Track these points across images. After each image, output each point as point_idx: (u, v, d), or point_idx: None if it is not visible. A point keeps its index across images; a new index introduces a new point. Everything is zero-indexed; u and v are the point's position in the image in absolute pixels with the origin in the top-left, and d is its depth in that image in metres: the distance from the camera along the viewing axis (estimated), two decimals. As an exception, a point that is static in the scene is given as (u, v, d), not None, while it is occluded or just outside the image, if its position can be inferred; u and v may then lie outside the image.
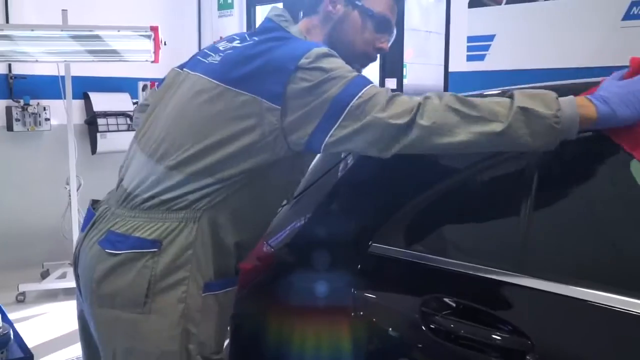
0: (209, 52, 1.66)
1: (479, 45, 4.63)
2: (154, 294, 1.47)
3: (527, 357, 1.20)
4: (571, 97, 1.31)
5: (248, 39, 1.60)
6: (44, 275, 4.91)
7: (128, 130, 5.55)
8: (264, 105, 1.43)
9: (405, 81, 5.44)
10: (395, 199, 1.56)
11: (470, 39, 4.67)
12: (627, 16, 3.94)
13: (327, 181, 1.76)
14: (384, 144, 1.37)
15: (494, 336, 1.26)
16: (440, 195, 1.47)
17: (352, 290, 1.51)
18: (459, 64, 4.74)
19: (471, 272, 1.35)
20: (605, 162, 1.38)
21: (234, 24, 6.27)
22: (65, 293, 4.59)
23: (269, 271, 1.72)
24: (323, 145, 1.42)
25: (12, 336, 1.43)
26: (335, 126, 1.39)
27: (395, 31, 1.71)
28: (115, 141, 5.43)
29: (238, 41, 1.62)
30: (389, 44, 1.69)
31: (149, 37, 4.63)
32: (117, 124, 5.59)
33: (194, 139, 1.49)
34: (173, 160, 1.50)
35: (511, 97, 1.31)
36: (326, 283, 1.59)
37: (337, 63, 1.45)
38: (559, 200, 1.37)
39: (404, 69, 5.48)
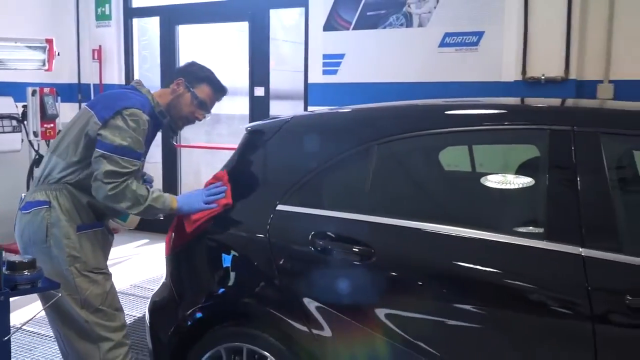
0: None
1: (332, 62, 5.68)
2: (50, 234, 2.46)
3: (373, 258, 2.17)
4: (170, 197, 2.50)
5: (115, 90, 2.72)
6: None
7: (13, 132, 5.91)
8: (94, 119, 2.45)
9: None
10: (290, 175, 2.46)
11: (325, 56, 5.70)
12: (442, 44, 5.17)
13: (238, 169, 2.64)
14: (95, 181, 2.42)
15: (354, 249, 2.21)
16: (321, 171, 2.40)
17: (267, 234, 2.39)
18: (317, 76, 5.75)
19: (343, 216, 2.29)
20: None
21: (112, 34, 6.77)
22: None
23: (207, 222, 2.54)
24: (96, 151, 2.41)
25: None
26: (101, 152, 2.39)
27: (210, 112, 2.77)
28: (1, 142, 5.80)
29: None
30: (204, 119, 2.74)
31: (43, 48, 5.13)
32: (3, 126, 5.91)
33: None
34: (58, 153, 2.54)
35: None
36: (246, 233, 2.47)
37: (139, 125, 2.42)
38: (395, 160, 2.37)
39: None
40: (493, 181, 2.40)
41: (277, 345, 2.33)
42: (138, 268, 5.47)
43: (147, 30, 7.26)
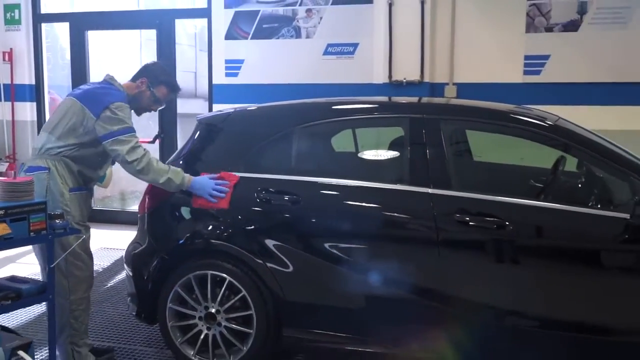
0: (77, 88, 3.47)
1: (233, 66, 6.69)
2: (49, 191, 3.18)
3: (300, 203, 3.27)
4: (188, 177, 3.34)
5: (96, 85, 3.46)
6: None
7: None
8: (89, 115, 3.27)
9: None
10: (237, 150, 3.50)
11: (227, 61, 6.70)
12: (325, 52, 6.36)
13: (195, 149, 3.63)
14: (123, 163, 3.27)
15: (285, 197, 3.30)
16: (259, 147, 3.46)
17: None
18: (220, 78, 6.73)
19: (277, 177, 3.37)
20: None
21: (22, 37, 7.30)
22: None
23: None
24: (104, 143, 3.24)
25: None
26: (110, 140, 3.23)
27: (164, 105, 3.65)
28: None
29: (88, 86, 3.48)
30: (159, 109, 3.64)
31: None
32: None
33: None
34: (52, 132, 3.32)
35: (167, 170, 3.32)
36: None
37: (125, 113, 3.29)
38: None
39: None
40: (374, 152, 3.61)
41: (233, 269, 3.36)
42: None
43: (50, 33, 7.84)
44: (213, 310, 3.41)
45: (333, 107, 3.69)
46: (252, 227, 3.38)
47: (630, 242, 2.90)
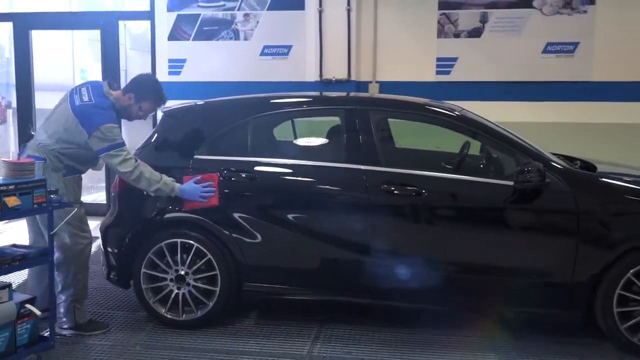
0: (77, 92, 3.92)
1: (176, 64, 7.23)
2: (47, 176, 3.62)
3: (256, 180, 3.95)
4: (176, 186, 3.90)
5: (93, 99, 3.88)
6: None
7: None
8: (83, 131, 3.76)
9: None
10: (201, 137, 4.13)
11: (170, 60, 7.24)
12: (262, 53, 7.02)
13: (162, 137, 4.24)
14: (118, 173, 3.88)
15: (243, 175, 3.97)
16: (220, 134, 4.10)
17: (190, 171, 4.03)
18: (163, 76, 7.24)
19: (235, 159, 4.03)
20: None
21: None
22: None
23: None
24: (99, 155, 3.80)
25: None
26: (103, 155, 3.78)
27: (149, 116, 4.19)
28: None
29: (87, 97, 3.89)
30: (144, 119, 4.14)
31: None
32: None
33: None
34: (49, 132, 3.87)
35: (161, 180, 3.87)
36: (177, 171, 4.09)
37: (114, 133, 3.78)
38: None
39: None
40: (318, 137, 4.35)
41: (199, 237, 4.00)
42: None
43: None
44: (182, 273, 4.03)
45: (283, 100, 4.40)
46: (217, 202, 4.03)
47: (515, 202, 3.77)
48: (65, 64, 10.33)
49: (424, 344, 3.85)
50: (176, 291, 4.06)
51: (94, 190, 8.52)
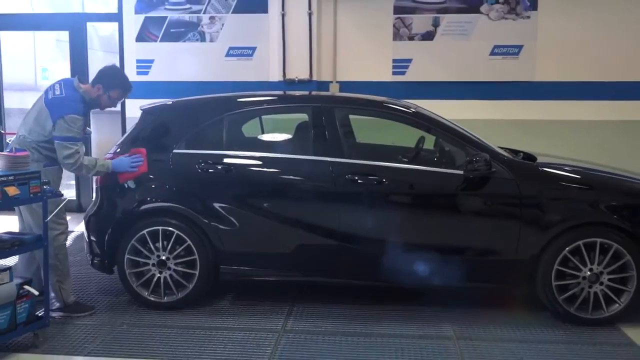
0: (51, 89, 4.24)
1: (144, 65, 7.50)
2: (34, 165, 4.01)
3: (231, 171, 4.32)
4: (108, 163, 4.33)
5: (64, 93, 4.21)
6: None
7: None
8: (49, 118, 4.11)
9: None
10: (179, 132, 4.46)
11: (138, 60, 7.50)
12: (228, 54, 7.36)
13: (141, 133, 4.57)
14: (61, 162, 4.15)
15: (219, 167, 4.33)
16: (197, 130, 4.45)
17: (170, 164, 4.37)
18: (132, 76, 7.39)
19: (212, 152, 4.38)
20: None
21: None
22: None
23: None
24: (54, 141, 4.07)
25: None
26: (57, 142, 4.05)
27: (118, 104, 4.53)
28: None
29: (59, 92, 4.22)
30: (114, 106, 4.50)
31: None
32: None
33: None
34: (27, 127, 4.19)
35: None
36: (158, 163, 4.42)
37: (76, 125, 4.12)
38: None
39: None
40: (287, 133, 4.74)
41: (179, 224, 4.33)
42: None
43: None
44: (164, 258, 4.37)
45: (255, 99, 4.78)
46: (194, 191, 4.37)
47: (465, 189, 4.24)
48: (28, 63, 10.43)
49: (385, 317, 4.28)
50: (158, 275, 4.39)
51: (64, 188, 8.68)
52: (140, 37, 7.46)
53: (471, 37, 7.09)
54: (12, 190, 3.50)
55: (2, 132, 7.79)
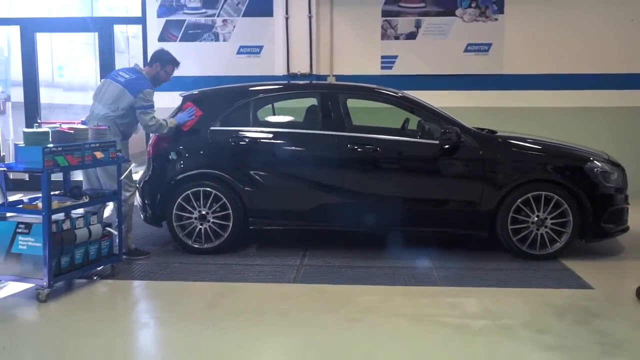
0: (118, 74, 5.42)
1: (166, 62, 8.60)
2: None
3: (258, 144, 5.49)
4: (173, 120, 5.58)
5: (133, 75, 5.41)
6: None
7: None
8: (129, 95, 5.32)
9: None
10: (214, 113, 5.62)
11: (160, 58, 8.60)
12: (239, 52, 8.50)
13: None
14: (144, 125, 5.41)
15: (248, 140, 5.50)
16: (230, 111, 5.60)
17: (208, 139, 5.53)
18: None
19: (243, 129, 5.54)
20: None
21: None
22: None
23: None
24: (137, 111, 5.30)
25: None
26: (140, 110, 5.29)
27: (171, 78, 5.72)
28: None
29: (128, 76, 5.40)
30: (169, 80, 5.68)
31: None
32: None
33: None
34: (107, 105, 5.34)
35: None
36: (198, 139, 5.58)
37: (151, 95, 5.38)
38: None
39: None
40: (301, 114, 5.92)
41: (216, 186, 5.49)
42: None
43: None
44: (204, 212, 5.52)
45: (275, 86, 6.03)
46: (228, 160, 5.53)
47: (441, 155, 5.45)
48: (45, 62, 11.55)
49: (380, 256, 5.47)
50: (199, 226, 5.53)
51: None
52: (162, 38, 8.59)
53: (448, 37, 8.31)
54: (99, 155, 4.64)
55: (39, 121, 8.87)
